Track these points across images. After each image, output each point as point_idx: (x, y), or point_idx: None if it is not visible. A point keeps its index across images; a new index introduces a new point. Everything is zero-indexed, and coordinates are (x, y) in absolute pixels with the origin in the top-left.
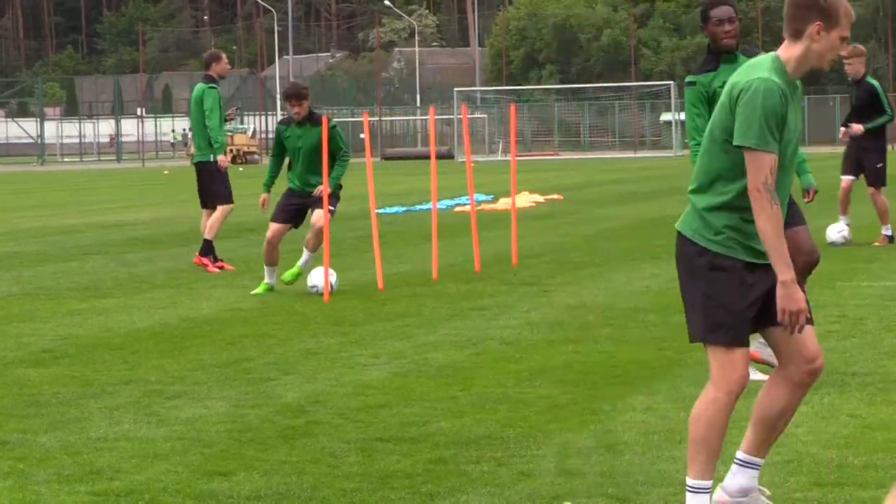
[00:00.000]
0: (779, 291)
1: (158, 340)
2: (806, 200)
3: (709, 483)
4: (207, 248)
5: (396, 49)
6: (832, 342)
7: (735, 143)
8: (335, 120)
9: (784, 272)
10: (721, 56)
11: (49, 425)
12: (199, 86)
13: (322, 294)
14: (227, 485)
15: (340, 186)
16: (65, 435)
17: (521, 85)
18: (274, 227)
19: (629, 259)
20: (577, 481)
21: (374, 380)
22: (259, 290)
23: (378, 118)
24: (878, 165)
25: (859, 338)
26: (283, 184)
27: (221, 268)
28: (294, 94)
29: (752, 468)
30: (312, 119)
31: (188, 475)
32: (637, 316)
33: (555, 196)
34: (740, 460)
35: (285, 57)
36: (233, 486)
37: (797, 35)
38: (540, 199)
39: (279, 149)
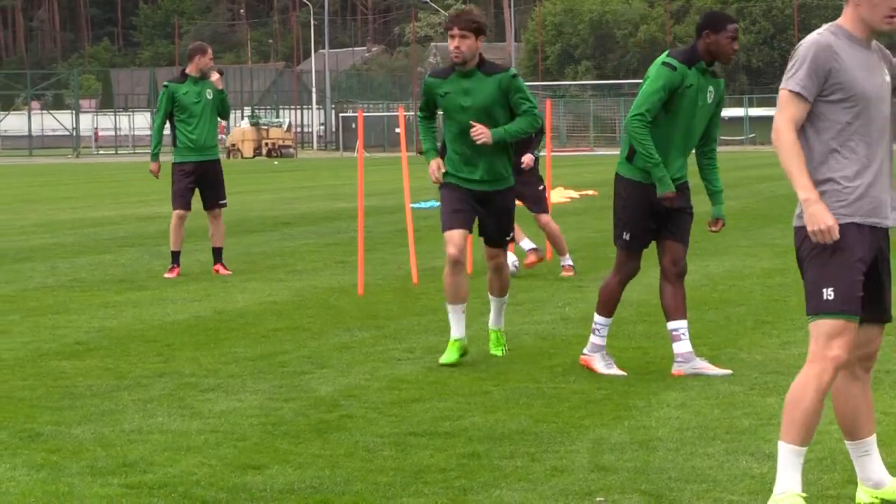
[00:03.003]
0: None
1: (193, 333)
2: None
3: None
4: (174, 257)
5: (432, 44)
6: None
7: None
8: (368, 114)
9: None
10: (701, 63)
11: (83, 417)
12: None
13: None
14: (260, 478)
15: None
16: (98, 427)
17: (556, 80)
18: (452, 235)
19: None
20: (611, 477)
21: (407, 374)
22: (449, 357)
23: (414, 113)
24: (540, 188)
25: (892, 336)
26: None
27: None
28: (457, 20)
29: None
30: (485, 66)
31: (221, 468)
32: None
33: (590, 192)
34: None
35: (321, 51)
36: (266, 480)
37: None
38: (575, 194)
39: (429, 108)
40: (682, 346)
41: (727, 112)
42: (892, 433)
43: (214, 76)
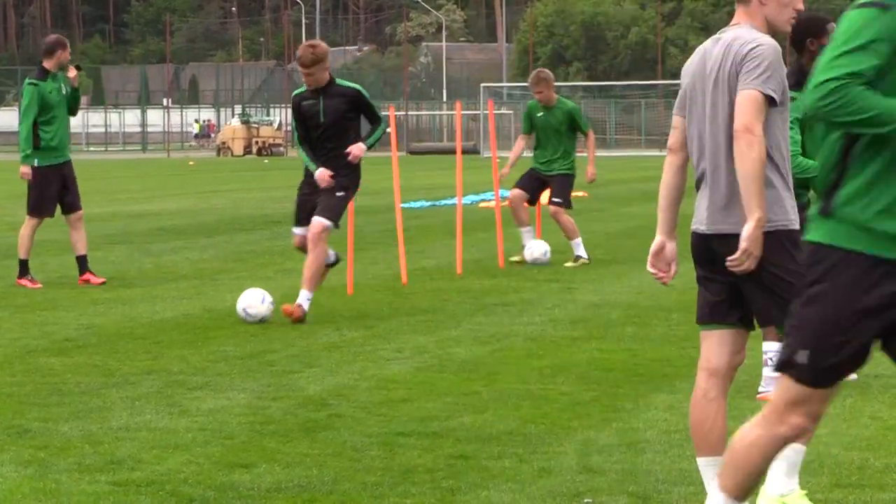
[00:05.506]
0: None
1: (181, 331)
2: None
3: None
4: (26, 266)
5: (424, 44)
6: None
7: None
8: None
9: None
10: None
11: (71, 414)
12: (26, 81)
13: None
14: (248, 477)
15: None
16: (86, 424)
17: None
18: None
19: None
20: (599, 479)
21: (396, 374)
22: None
23: (404, 113)
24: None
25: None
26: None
27: (87, 282)
28: None
29: None
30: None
31: (209, 466)
32: (660, 314)
33: (580, 193)
34: None
35: None
36: (254, 479)
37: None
38: None
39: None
40: (770, 371)
41: None
42: (881, 437)
43: (72, 72)
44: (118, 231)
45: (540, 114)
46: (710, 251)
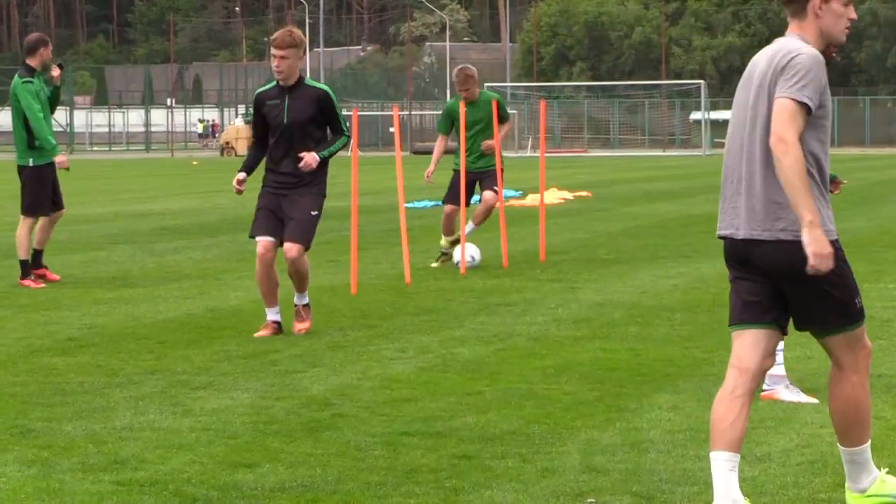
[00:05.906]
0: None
1: (185, 331)
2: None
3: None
4: (27, 266)
5: (427, 43)
6: None
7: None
8: (363, 113)
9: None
10: None
11: (74, 414)
12: (15, 79)
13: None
14: (251, 476)
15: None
16: (90, 424)
17: (551, 81)
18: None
19: (657, 257)
20: (602, 478)
21: (400, 374)
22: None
23: (408, 112)
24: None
25: (886, 339)
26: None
27: (43, 276)
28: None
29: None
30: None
31: (213, 466)
32: (663, 314)
33: (583, 193)
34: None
35: (316, 50)
36: (257, 478)
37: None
38: (569, 195)
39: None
40: (774, 370)
41: (724, 114)
42: (884, 437)
43: (55, 70)
44: (121, 231)
45: (464, 111)
46: (745, 254)
